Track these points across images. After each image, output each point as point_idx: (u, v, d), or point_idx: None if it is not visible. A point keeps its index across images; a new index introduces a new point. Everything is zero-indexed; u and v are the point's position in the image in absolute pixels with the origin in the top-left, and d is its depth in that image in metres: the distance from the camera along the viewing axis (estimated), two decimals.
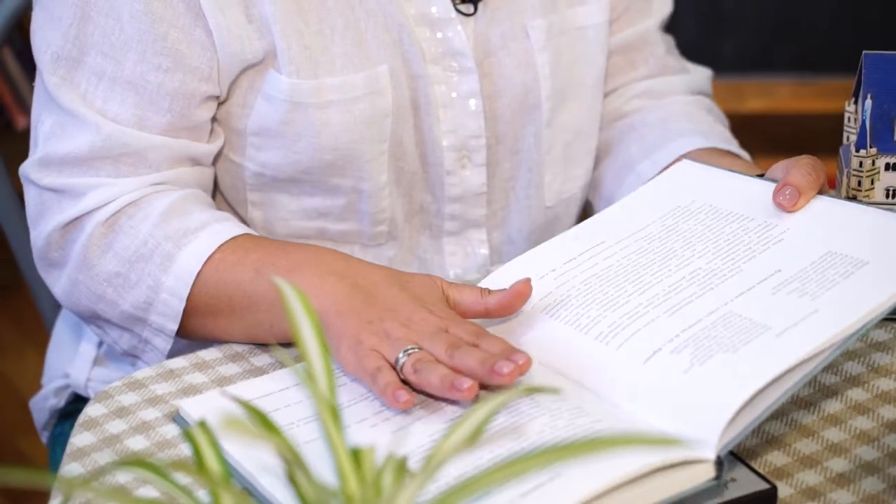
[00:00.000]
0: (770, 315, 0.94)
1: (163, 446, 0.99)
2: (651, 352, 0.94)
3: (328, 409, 0.77)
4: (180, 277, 1.09)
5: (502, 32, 1.23)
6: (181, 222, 1.10)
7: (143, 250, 1.10)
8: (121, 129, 1.12)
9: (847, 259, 0.98)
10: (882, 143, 1.10)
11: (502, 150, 1.27)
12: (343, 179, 1.20)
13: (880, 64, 1.11)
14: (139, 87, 1.12)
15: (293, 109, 1.16)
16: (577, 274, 1.04)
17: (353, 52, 1.17)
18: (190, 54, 1.13)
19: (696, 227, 1.07)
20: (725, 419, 0.88)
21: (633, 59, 1.35)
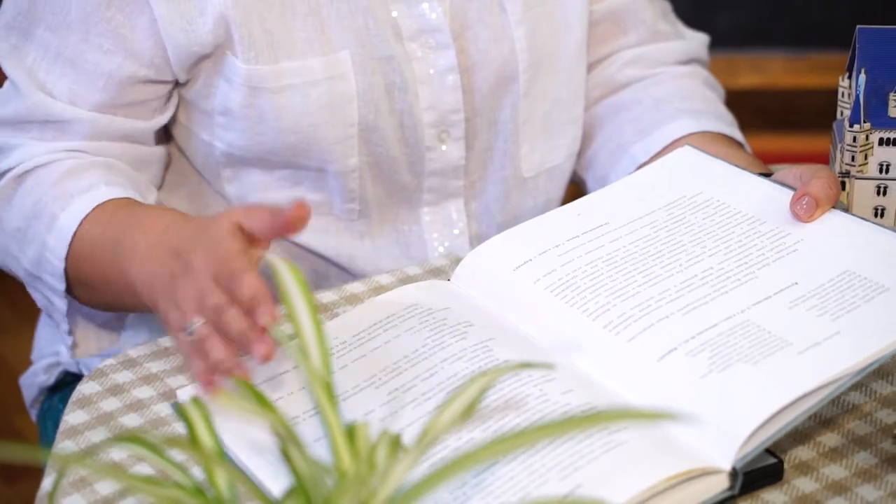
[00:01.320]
0: (790, 330, 0.93)
1: (157, 424, 0.99)
2: (666, 350, 0.93)
3: (322, 386, 0.77)
4: (59, 238, 1.12)
5: (478, 6, 1.23)
6: (73, 184, 1.14)
7: (37, 208, 1.15)
8: (47, 100, 1.16)
9: (866, 282, 0.97)
10: (876, 117, 1.10)
11: (480, 123, 1.27)
12: (309, 160, 1.22)
13: (874, 39, 1.11)
14: (77, 64, 1.16)
15: (252, 94, 1.18)
16: (581, 254, 1.03)
17: (314, 38, 1.18)
18: (132, 39, 1.16)
19: (704, 221, 1.06)
20: (746, 433, 0.87)
21: (623, 25, 1.34)
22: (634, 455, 0.86)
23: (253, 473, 0.90)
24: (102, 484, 0.92)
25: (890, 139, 1.10)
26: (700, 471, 0.86)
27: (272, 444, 0.76)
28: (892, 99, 1.10)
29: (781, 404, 0.88)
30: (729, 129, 1.29)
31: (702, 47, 1.38)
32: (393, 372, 0.97)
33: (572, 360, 0.96)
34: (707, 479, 0.87)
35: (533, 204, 1.32)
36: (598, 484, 0.84)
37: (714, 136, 1.27)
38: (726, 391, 0.90)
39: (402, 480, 0.73)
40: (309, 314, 0.81)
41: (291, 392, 0.97)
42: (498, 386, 0.91)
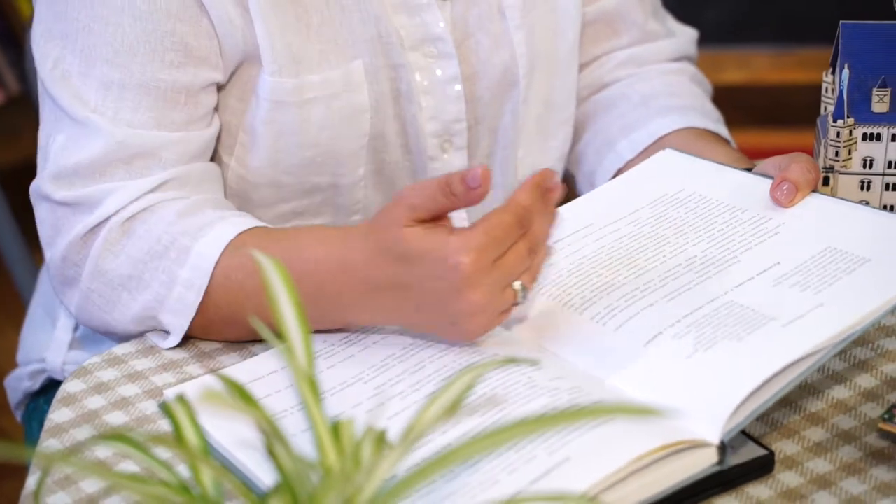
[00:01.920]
0: (773, 306, 0.95)
1: (142, 422, 0.99)
2: (652, 335, 0.94)
3: (306, 382, 0.77)
4: (197, 266, 1.06)
5: (479, 13, 1.23)
6: (197, 219, 1.08)
7: (157, 248, 1.07)
8: (135, 132, 1.10)
9: (847, 256, 0.99)
10: (859, 113, 1.10)
11: (482, 131, 1.27)
12: (321, 177, 1.20)
13: (858, 34, 1.11)
14: (151, 88, 1.11)
15: (275, 108, 1.16)
16: (567, 255, 1.04)
17: (330, 49, 1.16)
18: (199, 46, 1.12)
19: (686, 215, 1.07)
20: (733, 405, 0.88)
21: (616, 26, 1.34)
22: (622, 429, 0.86)
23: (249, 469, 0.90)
24: (88, 482, 0.92)
25: (873, 134, 1.11)
26: (688, 443, 0.87)
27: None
28: (876, 94, 1.10)
29: (767, 375, 0.89)
30: (715, 126, 1.29)
31: (691, 44, 1.39)
32: (381, 369, 0.98)
33: (559, 352, 0.96)
34: (695, 452, 0.87)
35: None
36: (586, 457, 0.84)
37: (700, 133, 1.27)
38: (713, 367, 0.91)
39: (387, 477, 0.73)
40: (294, 311, 0.81)
41: (279, 390, 0.97)
42: (485, 375, 0.92)
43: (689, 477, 0.87)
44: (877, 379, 1.01)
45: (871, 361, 1.02)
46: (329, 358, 1.00)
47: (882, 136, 1.11)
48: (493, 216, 0.95)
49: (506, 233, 0.94)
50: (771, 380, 0.89)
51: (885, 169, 1.11)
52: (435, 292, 0.95)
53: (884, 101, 1.10)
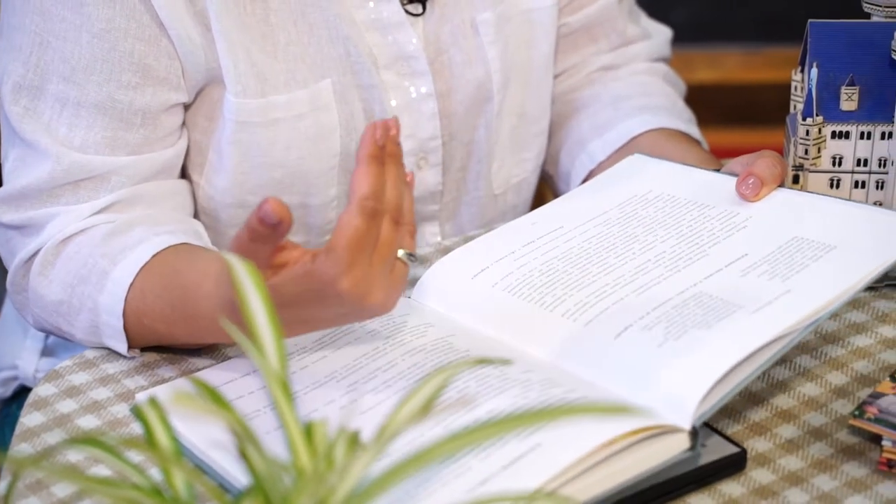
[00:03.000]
0: (742, 295, 0.95)
1: (114, 425, 0.99)
2: (622, 327, 0.95)
3: (278, 384, 0.77)
4: (113, 293, 1.05)
5: (451, 30, 1.22)
6: (121, 240, 1.07)
7: (82, 272, 1.07)
8: (85, 158, 1.09)
9: (814, 244, 1.00)
10: (828, 111, 1.11)
11: (456, 146, 1.26)
12: (290, 197, 1.18)
13: (826, 32, 1.12)
14: (107, 108, 1.09)
15: (239, 129, 1.14)
16: (537, 256, 1.05)
17: (297, 69, 1.15)
18: (158, 66, 1.10)
19: (655, 213, 1.08)
20: (703, 390, 0.88)
21: (595, 33, 1.34)
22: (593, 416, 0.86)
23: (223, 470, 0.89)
24: (59, 486, 0.91)
25: (842, 132, 1.11)
26: (659, 429, 0.87)
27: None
28: (844, 92, 1.10)
29: (737, 359, 0.90)
30: (686, 126, 1.29)
31: (665, 45, 1.39)
32: (353, 368, 0.98)
33: (531, 348, 0.97)
34: (667, 438, 0.87)
35: (502, 219, 1.31)
36: (557, 442, 0.85)
37: (670, 133, 1.27)
38: (682, 354, 0.91)
39: (360, 477, 0.73)
40: (265, 312, 0.81)
41: (252, 391, 0.97)
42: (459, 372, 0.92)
43: (661, 463, 0.87)
44: (847, 376, 1.01)
45: (841, 358, 1.03)
46: (301, 359, 1.00)
47: (851, 134, 1.11)
48: (345, 223, 0.89)
49: (363, 235, 0.89)
50: (741, 364, 0.90)
51: (854, 167, 1.12)
52: (335, 315, 0.93)
53: (852, 99, 1.10)
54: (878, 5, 1.13)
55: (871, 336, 1.05)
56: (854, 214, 1.03)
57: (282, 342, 0.79)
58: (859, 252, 0.98)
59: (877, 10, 1.14)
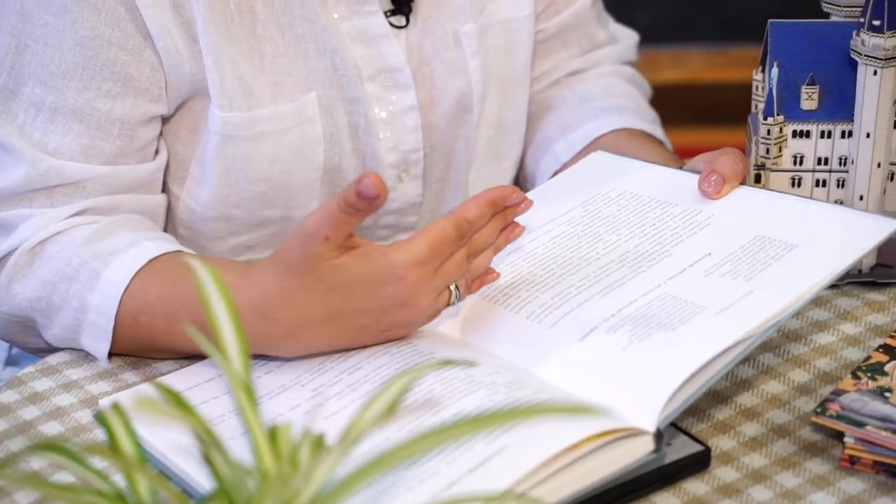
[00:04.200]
0: (705, 296, 0.96)
1: (78, 431, 0.98)
2: (587, 330, 0.95)
3: (242, 388, 0.77)
4: (106, 293, 1.04)
5: (434, 41, 1.22)
6: (108, 243, 1.06)
7: (66, 270, 1.06)
8: (60, 164, 1.08)
9: (776, 243, 1.00)
10: (789, 110, 1.12)
11: (436, 157, 1.26)
12: (273, 210, 1.18)
13: (786, 32, 1.12)
14: (85, 115, 1.08)
15: (224, 142, 1.14)
16: (501, 256, 1.05)
17: (283, 81, 1.14)
18: (140, 76, 1.09)
19: (618, 212, 1.08)
20: (668, 392, 0.89)
21: (566, 39, 1.34)
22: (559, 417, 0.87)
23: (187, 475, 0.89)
24: (22, 494, 0.91)
25: (803, 131, 1.12)
26: (624, 431, 0.87)
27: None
28: (805, 91, 1.11)
29: (701, 362, 0.90)
30: (649, 127, 1.30)
31: (632, 48, 1.40)
32: (317, 371, 0.98)
33: (497, 350, 0.97)
34: (632, 441, 0.88)
35: None
36: (524, 445, 0.85)
37: (633, 133, 1.28)
38: (647, 357, 0.92)
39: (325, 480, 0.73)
40: (229, 316, 0.80)
41: (216, 396, 0.97)
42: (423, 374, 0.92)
43: (627, 466, 0.88)
44: (810, 374, 1.02)
45: (804, 356, 1.04)
46: (266, 363, 0.99)
47: (811, 133, 1.12)
48: (436, 226, 0.95)
49: (447, 245, 0.95)
50: (705, 366, 0.90)
51: (815, 165, 1.12)
52: (383, 306, 0.96)
53: (812, 98, 1.11)
54: (838, 5, 1.14)
55: (833, 334, 1.06)
56: (815, 213, 1.03)
57: (245, 346, 0.79)
58: (821, 251, 0.99)
59: (836, 9, 1.14)
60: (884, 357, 0.98)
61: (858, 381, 0.95)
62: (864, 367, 0.97)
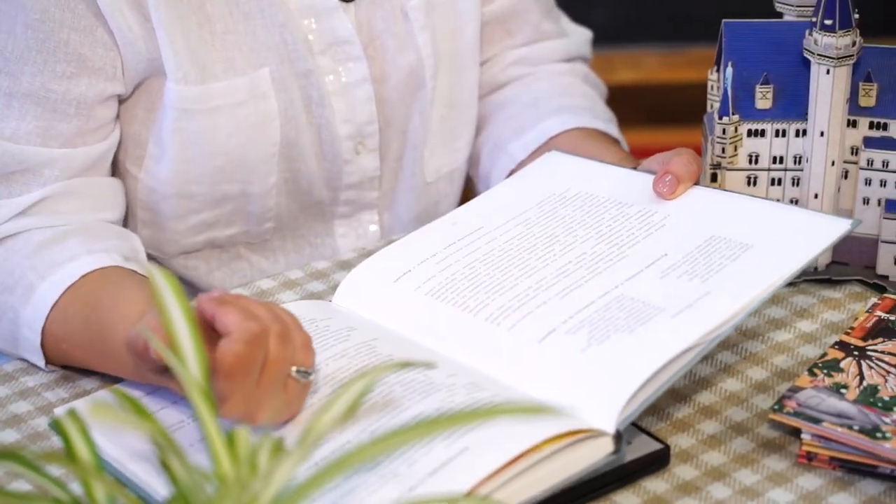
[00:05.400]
0: (662, 297, 0.96)
1: (35, 439, 0.97)
2: (546, 332, 0.95)
3: (199, 391, 0.76)
4: (36, 309, 1.04)
5: (383, 15, 1.23)
6: (52, 254, 1.06)
7: (8, 281, 1.06)
8: (16, 148, 1.08)
9: (731, 243, 1.01)
10: (744, 110, 1.12)
11: (392, 132, 1.27)
12: (231, 185, 1.19)
13: (740, 32, 1.13)
14: (41, 98, 1.09)
15: (181, 117, 1.14)
16: (459, 258, 1.05)
17: (235, 57, 1.15)
18: (93, 56, 1.10)
19: (574, 213, 1.08)
20: (627, 394, 0.89)
21: (509, 26, 1.35)
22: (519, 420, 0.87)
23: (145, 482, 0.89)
24: None
25: (758, 130, 1.13)
26: (584, 433, 0.88)
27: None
28: (759, 91, 1.12)
29: (659, 365, 0.91)
30: (605, 126, 1.30)
31: (584, 44, 1.40)
32: None
33: (456, 353, 0.97)
34: (591, 442, 0.88)
35: (435, 210, 1.32)
36: (484, 447, 0.85)
37: (589, 133, 1.28)
38: (606, 359, 0.92)
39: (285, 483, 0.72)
40: (185, 321, 0.80)
41: (175, 402, 0.96)
42: (382, 376, 0.92)
43: (587, 467, 0.88)
44: (767, 371, 1.02)
45: (761, 354, 1.04)
46: None
47: (766, 132, 1.13)
48: (224, 353, 0.86)
49: (246, 360, 0.87)
50: (664, 367, 0.91)
51: (771, 164, 1.13)
52: None
53: (767, 97, 1.12)
54: (790, 4, 1.15)
55: (790, 331, 1.07)
56: (770, 213, 1.04)
57: (203, 352, 0.79)
58: (776, 251, 0.99)
59: (789, 9, 1.15)
60: (839, 354, 0.99)
61: (815, 378, 0.96)
62: (820, 363, 0.98)
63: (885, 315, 1.03)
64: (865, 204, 1.12)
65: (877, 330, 1.02)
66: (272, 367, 0.89)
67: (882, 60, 1.11)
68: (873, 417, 0.92)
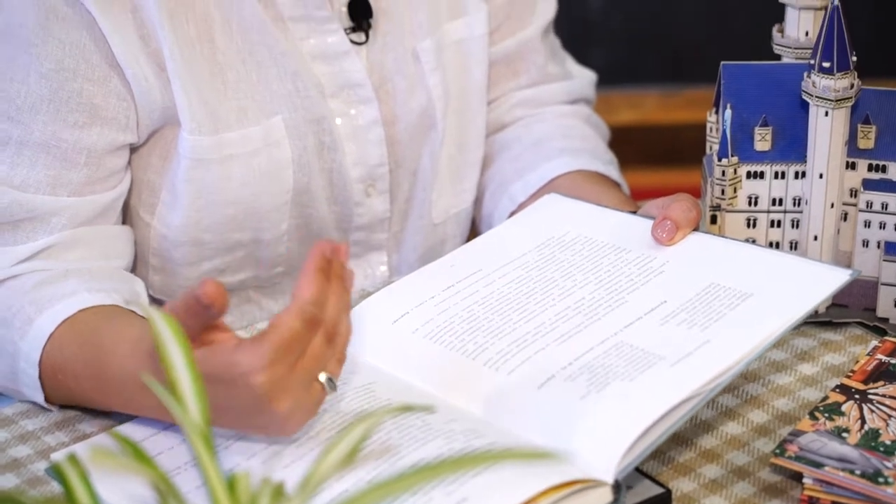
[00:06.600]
0: (662, 345, 0.96)
1: (35, 483, 0.97)
2: (545, 378, 0.95)
3: (200, 436, 0.76)
4: (33, 342, 1.03)
5: (395, 58, 1.23)
6: (51, 290, 1.06)
7: (6, 315, 1.05)
8: (25, 197, 1.08)
9: (730, 291, 1.01)
10: (743, 151, 1.13)
11: (402, 174, 1.27)
12: (243, 233, 1.19)
13: (738, 74, 1.13)
14: (51, 147, 1.09)
15: (194, 167, 1.14)
16: (457, 301, 1.05)
17: (248, 106, 1.15)
18: (106, 106, 1.10)
19: (573, 257, 1.08)
20: (626, 444, 0.89)
21: (516, 68, 1.36)
22: (518, 468, 0.86)
23: None
24: None
25: (757, 172, 1.13)
26: (583, 483, 0.87)
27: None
28: (758, 133, 1.12)
29: (658, 415, 0.90)
30: (605, 168, 1.31)
31: (588, 86, 1.41)
32: None
33: (454, 398, 0.97)
34: (591, 492, 0.88)
35: (441, 249, 1.32)
36: (483, 496, 0.85)
37: (589, 175, 1.28)
38: (605, 408, 0.92)
39: None
40: (186, 365, 0.80)
41: (171, 447, 0.96)
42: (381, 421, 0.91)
43: None
44: (768, 414, 1.02)
45: (763, 397, 1.04)
46: None
47: (765, 173, 1.13)
48: (281, 322, 0.88)
49: (296, 338, 0.88)
50: (663, 417, 0.90)
51: (770, 206, 1.13)
52: (239, 408, 0.90)
53: (765, 139, 1.12)
54: (788, 47, 1.16)
55: (791, 374, 1.06)
56: (769, 261, 1.04)
57: (203, 395, 0.79)
58: (775, 300, 0.99)
59: (787, 51, 1.16)
60: (840, 397, 0.99)
61: (816, 422, 0.96)
62: (821, 407, 0.98)
63: (885, 358, 1.03)
64: (865, 246, 1.12)
65: (878, 373, 1.02)
66: (310, 360, 0.89)
67: (880, 102, 1.12)
68: (875, 462, 0.91)
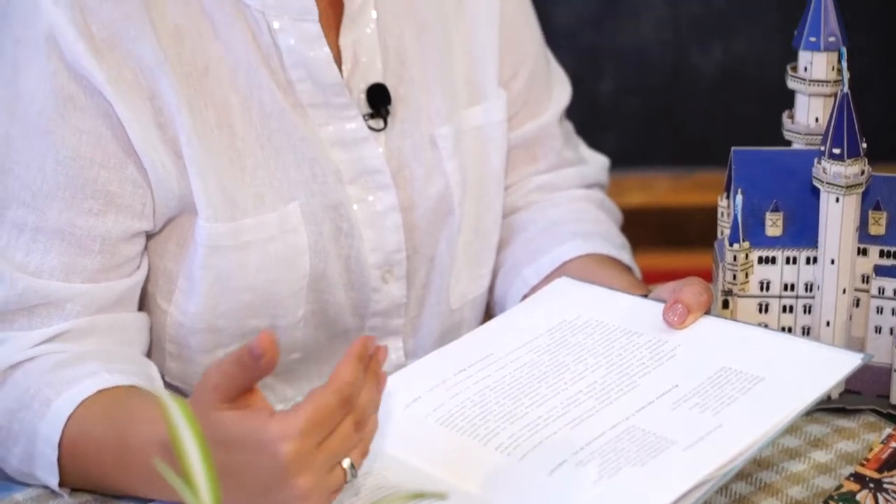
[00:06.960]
0: (674, 430, 0.96)
1: None
2: (556, 463, 0.94)
3: None
4: (52, 424, 1.03)
5: (412, 144, 1.24)
6: (69, 371, 1.06)
7: (24, 398, 1.05)
8: (39, 283, 1.08)
9: (742, 375, 1.01)
10: (754, 236, 1.13)
11: (419, 260, 1.27)
12: (260, 319, 1.18)
13: (749, 159, 1.14)
14: (66, 233, 1.09)
15: (211, 254, 1.14)
16: (469, 385, 1.04)
17: (265, 192, 1.15)
18: (122, 193, 1.10)
19: (585, 340, 1.08)
20: None
21: (534, 153, 1.36)
22: None
23: None
24: None
25: (768, 258, 1.13)
26: None
27: None
28: (769, 218, 1.13)
29: (671, 500, 0.89)
30: (617, 252, 1.31)
31: (602, 171, 1.42)
32: None
33: (466, 484, 0.96)
34: None
35: (457, 334, 1.30)
36: None
37: (601, 259, 1.29)
38: (617, 493, 0.91)
39: None
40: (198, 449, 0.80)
41: None
42: None
43: None
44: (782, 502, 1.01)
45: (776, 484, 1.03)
46: None
47: (777, 259, 1.13)
48: (317, 397, 0.89)
49: (329, 415, 0.89)
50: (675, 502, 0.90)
51: (782, 291, 1.13)
52: (259, 479, 0.89)
53: (777, 224, 1.13)
54: (799, 133, 1.16)
55: (804, 461, 1.06)
56: (780, 345, 1.04)
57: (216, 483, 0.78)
58: (787, 385, 0.99)
59: (797, 137, 1.17)
60: (855, 486, 0.98)
61: None
62: (836, 496, 0.97)
63: None
64: (877, 332, 1.12)
65: (892, 462, 1.01)
66: (338, 441, 0.90)
67: (891, 189, 1.12)
68: None
